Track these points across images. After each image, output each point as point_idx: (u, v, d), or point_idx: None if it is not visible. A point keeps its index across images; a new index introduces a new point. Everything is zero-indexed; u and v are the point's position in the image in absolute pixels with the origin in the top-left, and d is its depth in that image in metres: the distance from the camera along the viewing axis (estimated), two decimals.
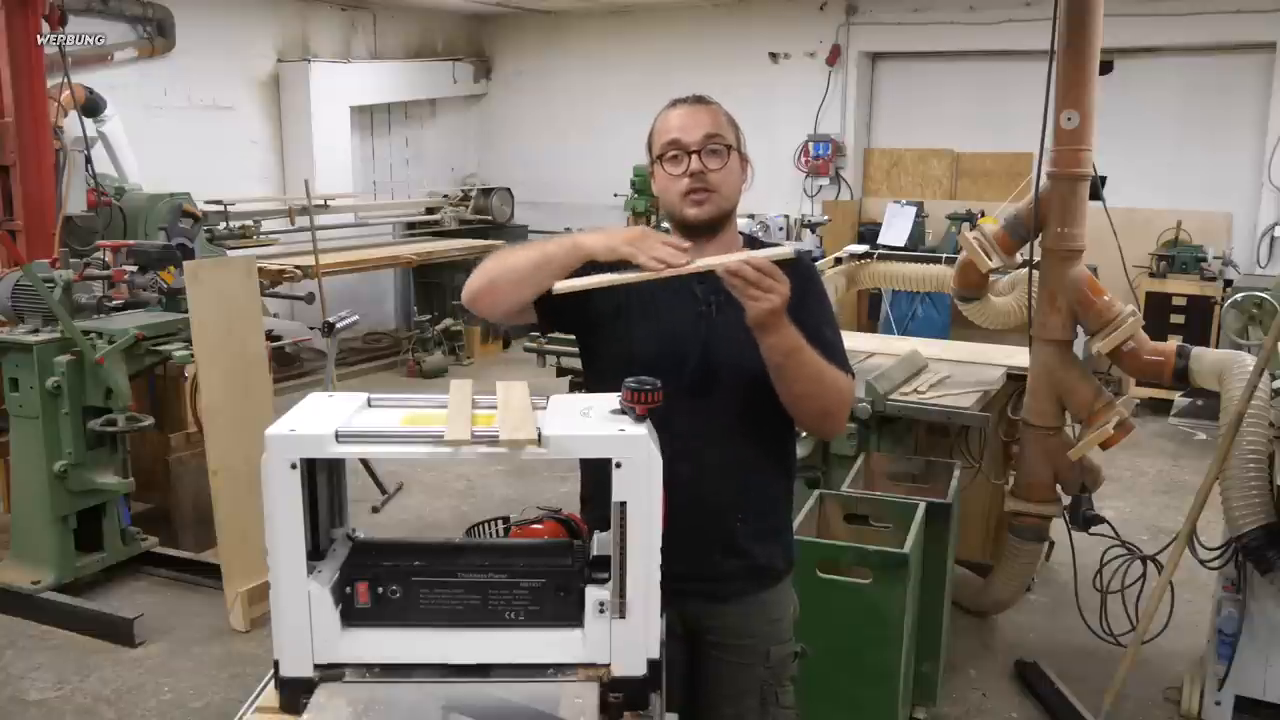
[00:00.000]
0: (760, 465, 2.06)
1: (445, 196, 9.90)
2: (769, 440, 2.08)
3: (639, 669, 1.57)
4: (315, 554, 1.61)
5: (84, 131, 5.86)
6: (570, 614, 1.58)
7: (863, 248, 5.75)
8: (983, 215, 7.78)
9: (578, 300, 1.93)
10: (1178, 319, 7.34)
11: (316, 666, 1.55)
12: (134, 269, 4.67)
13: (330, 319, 5.34)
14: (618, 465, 1.51)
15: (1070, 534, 3.79)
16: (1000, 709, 3.71)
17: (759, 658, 2.08)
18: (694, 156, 1.97)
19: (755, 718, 2.09)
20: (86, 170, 5.75)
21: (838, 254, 5.58)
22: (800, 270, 2.05)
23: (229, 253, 6.78)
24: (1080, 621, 3.74)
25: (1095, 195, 3.54)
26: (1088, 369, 3.78)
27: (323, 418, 1.58)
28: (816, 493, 3.30)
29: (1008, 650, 4.08)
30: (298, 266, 7.07)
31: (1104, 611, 3.59)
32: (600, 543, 1.67)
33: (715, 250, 2.00)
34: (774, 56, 9.31)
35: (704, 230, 2.02)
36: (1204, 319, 7.28)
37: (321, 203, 7.97)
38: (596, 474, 1.61)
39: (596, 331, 2.06)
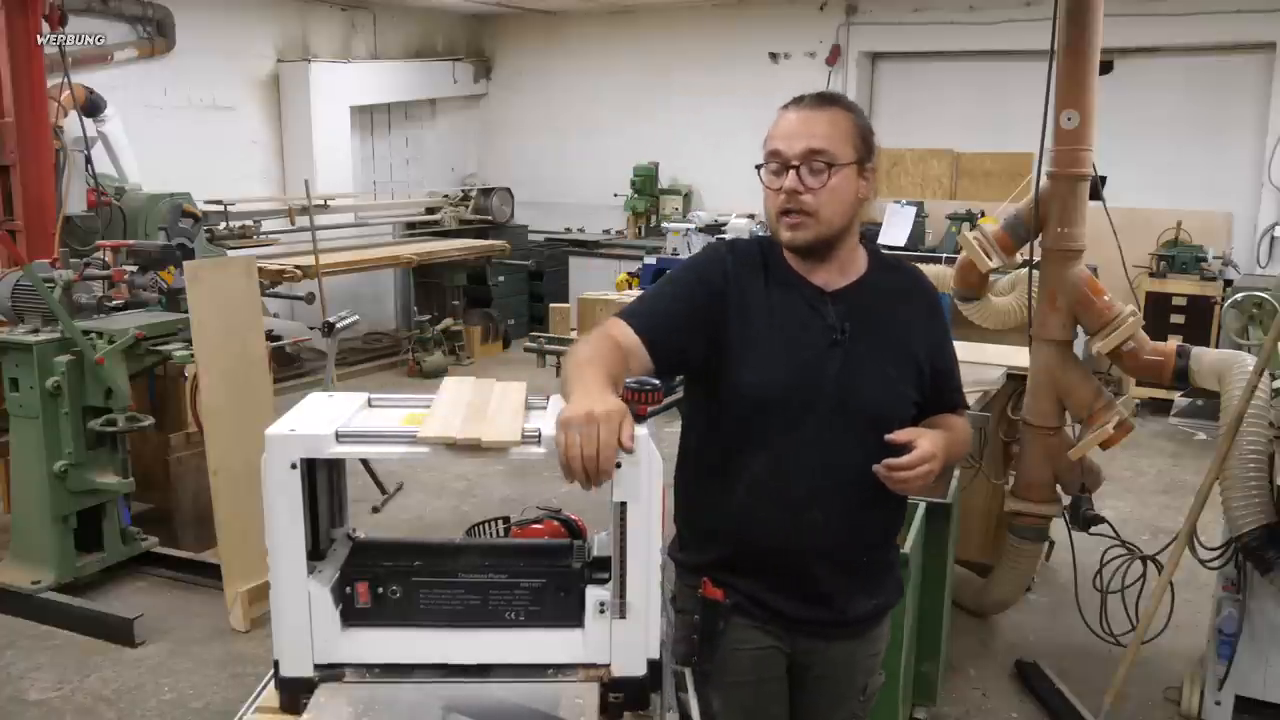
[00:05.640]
0: (885, 500, 1.88)
1: (445, 196, 9.90)
2: None
3: (639, 669, 1.57)
4: (315, 554, 1.61)
5: (84, 131, 5.85)
6: (570, 614, 1.58)
7: None
8: (983, 215, 7.78)
9: (700, 333, 1.82)
10: (1178, 319, 7.34)
11: (316, 666, 1.55)
12: (134, 269, 4.66)
13: (330, 319, 5.34)
14: (618, 465, 1.51)
15: (1070, 534, 3.78)
16: (1000, 709, 3.71)
17: (855, 690, 2.03)
18: (791, 172, 1.78)
19: None
20: (86, 170, 5.76)
21: None
22: (933, 299, 2.00)
23: (229, 253, 6.78)
24: (1080, 621, 3.74)
25: (1095, 195, 3.54)
26: (1088, 369, 3.78)
27: (323, 418, 1.58)
28: None
29: (1008, 650, 4.08)
30: (298, 266, 7.07)
31: (1104, 611, 3.58)
32: (600, 543, 1.67)
33: (831, 270, 1.88)
34: (774, 56, 9.30)
35: (807, 254, 1.86)
36: (1204, 319, 7.27)
37: (321, 203, 7.97)
38: None
39: (720, 367, 1.84)
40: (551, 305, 8.21)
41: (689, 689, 1.74)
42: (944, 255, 7.14)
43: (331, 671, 1.56)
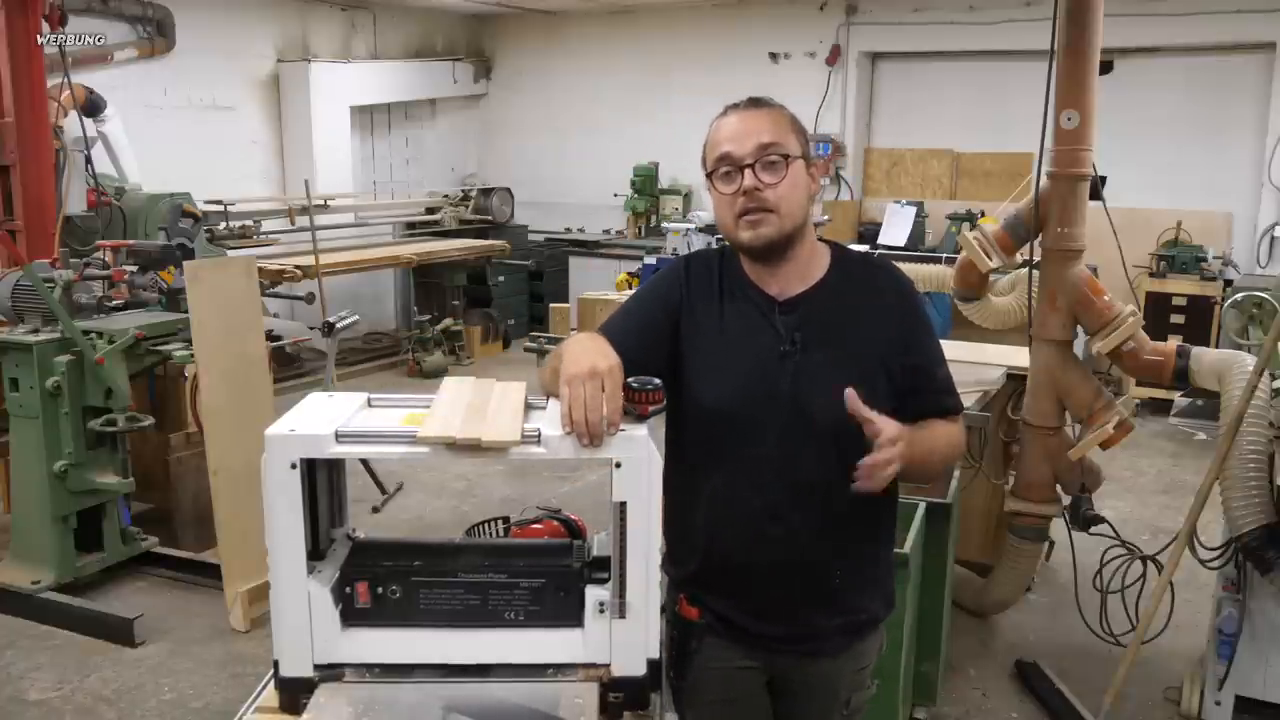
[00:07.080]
0: (859, 515, 1.81)
1: (445, 196, 9.90)
2: None
3: (639, 669, 1.57)
4: (315, 554, 1.61)
5: (84, 131, 5.85)
6: (570, 614, 1.58)
7: (863, 248, 5.75)
8: (983, 215, 7.78)
9: (658, 349, 1.79)
10: (1178, 319, 7.33)
11: (316, 666, 1.55)
12: (134, 269, 4.66)
13: (330, 319, 5.34)
14: (618, 465, 1.51)
15: (1070, 534, 3.78)
16: (1000, 709, 3.71)
17: (839, 705, 1.97)
18: (746, 171, 1.74)
19: None
20: (86, 170, 5.75)
21: None
22: (904, 295, 1.87)
23: (229, 253, 6.78)
24: (1080, 621, 3.74)
25: (1095, 195, 3.54)
26: (1088, 369, 3.78)
27: (323, 418, 1.58)
28: None
29: (1008, 650, 4.08)
30: (298, 266, 7.07)
31: (1104, 611, 3.59)
32: (600, 543, 1.67)
33: (790, 276, 1.81)
34: (774, 56, 9.30)
35: (769, 254, 1.79)
36: (1204, 319, 7.27)
37: (321, 203, 7.97)
38: None
39: (679, 382, 1.81)
40: (551, 305, 8.24)
41: (664, 703, 1.75)
42: (944, 255, 7.14)
43: (331, 671, 1.56)
